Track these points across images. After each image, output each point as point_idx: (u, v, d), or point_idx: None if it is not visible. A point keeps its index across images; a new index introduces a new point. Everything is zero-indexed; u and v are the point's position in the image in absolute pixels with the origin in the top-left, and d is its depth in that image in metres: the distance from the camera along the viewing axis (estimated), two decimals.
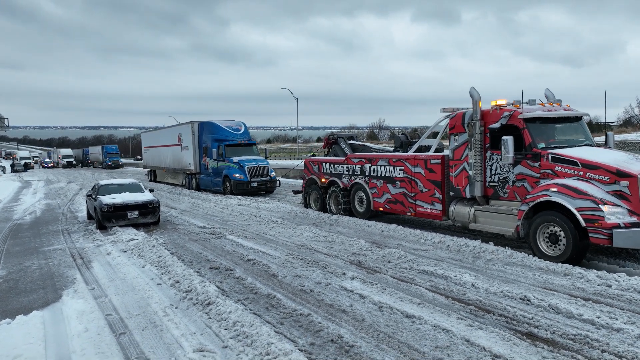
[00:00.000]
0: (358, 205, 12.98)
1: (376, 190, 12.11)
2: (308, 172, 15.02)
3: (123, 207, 12.88)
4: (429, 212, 10.70)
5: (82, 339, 5.36)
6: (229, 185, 20.72)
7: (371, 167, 12.27)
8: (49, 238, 12.20)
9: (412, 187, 11.04)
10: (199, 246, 10.42)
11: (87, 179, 38.77)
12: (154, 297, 6.85)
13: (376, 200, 12.16)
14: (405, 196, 11.23)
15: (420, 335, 5.26)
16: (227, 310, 5.94)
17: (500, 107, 9.16)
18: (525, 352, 4.74)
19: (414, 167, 10.95)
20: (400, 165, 11.36)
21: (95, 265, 9.02)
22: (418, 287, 6.92)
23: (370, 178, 12.28)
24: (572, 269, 7.29)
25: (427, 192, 10.68)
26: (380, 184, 11.95)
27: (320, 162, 14.50)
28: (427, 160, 10.68)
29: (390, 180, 11.64)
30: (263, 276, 7.82)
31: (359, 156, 12.97)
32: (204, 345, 5.17)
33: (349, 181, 13.08)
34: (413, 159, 11.05)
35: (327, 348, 5.04)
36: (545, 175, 8.34)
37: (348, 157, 13.32)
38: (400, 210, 11.49)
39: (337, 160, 13.84)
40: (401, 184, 11.33)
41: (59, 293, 7.27)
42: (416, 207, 10.96)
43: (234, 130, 22.60)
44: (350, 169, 13.04)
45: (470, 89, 9.43)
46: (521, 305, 6.06)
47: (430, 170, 10.56)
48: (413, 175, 10.99)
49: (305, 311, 6.07)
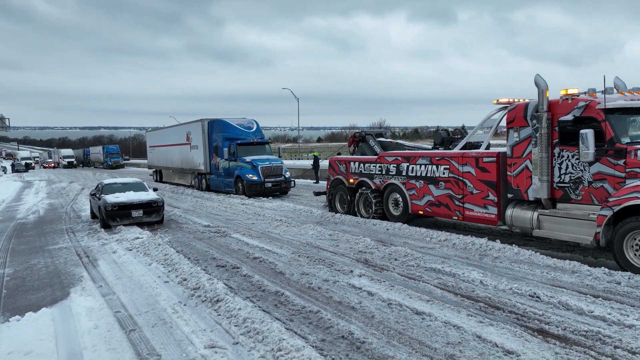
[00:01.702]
0: (393, 208, 11.89)
1: (415, 192, 11.05)
2: (333, 172, 13.91)
3: (127, 206, 12.87)
4: (480, 216, 9.57)
5: (93, 335, 5.35)
6: (241, 186, 19.96)
7: (409, 167, 11.18)
8: (53, 237, 12.19)
9: (459, 188, 9.93)
10: (204, 244, 10.42)
11: (89, 178, 38.77)
12: (162, 295, 6.84)
13: (415, 203, 11.10)
14: (451, 198, 10.13)
15: (431, 332, 5.25)
16: (237, 307, 5.94)
17: (572, 97, 8.02)
18: (538, 348, 4.73)
19: (463, 166, 9.83)
20: (445, 164, 10.24)
21: (101, 264, 9.01)
22: (426, 285, 6.92)
23: (408, 178, 11.20)
24: (580, 266, 7.28)
25: (478, 194, 9.55)
26: (421, 184, 10.85)
27: (347, 161, 13.39)
28: (479, 158, 9.52)
29: (433, 180, 10.54)
30: (270, 274, 7.81)
31: (395, 154, 11.83)
32: (215, 341, 5.16)
33: (382, 182, 12.03)
34: (461, 157, 9.91)
35: (338, 344, 5.03)
36: (633, 174, 7.19)
37: (381, 155, 12.30)
38: (445, 214, 10.43)
39: (367, 159, 12.75)
40: (446, 185, 10.22)
41: (67, 291, 7.27)
42: (464, 210, 9.85)
43: (246, 129, 21.70)
44: (383, 168, 11.95)
45: (536, 77, 8.34)
46: (531, 302, 6.05)
47: (483, 169, 9.41)
48: (461, 175, 9.88)
49: (315, 308, 6.06)
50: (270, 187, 19.54)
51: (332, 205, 14.09)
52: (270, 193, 19.79)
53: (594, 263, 7.65)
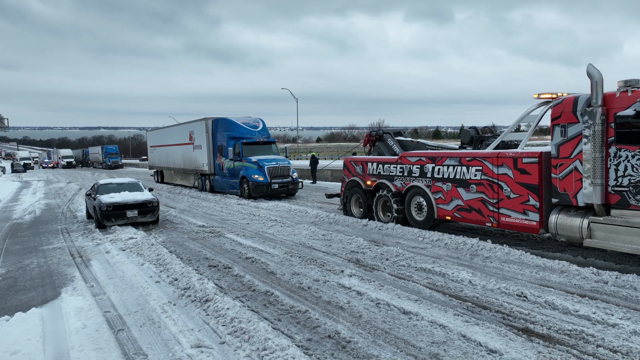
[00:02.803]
0: (415, 213, 11.02)
1: (442, 196, 10.18)
2: (349, 174, 13.05)
3: (122, 206, 12.89)
4: (519, 223, 8.64)
5: (81, 335, 5.38)
6: (246, 188, 18.96)
7: (435, 168, 10.32)
8: (48, 237, 12.22)
9: (493, 192, 9.05)
10: (198, 245, 10.45)
11: (87, 179, 38.79)
12: (153, 295, 6.87)
13: (442, 207, 10.22)
14: (484, 203, 9.24)
15: (417, 331, 5.28)
16: (225, 307, 5.97)
17: (633, 88, 7.20)
18: (521, 347, 4.76)
19: (498, 167, 8.95)
20: (477, 165, 9.38)
21: (94, 264, 9.04)
22: (415, 284, 6.95)
23: (434, 180, 10.34)
24: (569, 266, 7.32)
25: (516, 199, 8.65)
26: (448, 187, 9.99)
27: (365, 161, 12.49)
28: (518, 158, 8.64)
29: (463, 183, 9.67)
30: (261, 274, 7.84)
31: (418, 154, 10.97)
32: (202, 341, 5.20)
33: (404, 184, 11.18)
34: (496, 157, 9.03)
35: (324, 344, 5.06)
36: None
37: (402, 155, 11.39)
38: (477, 220, 9.50)
39: (387, 159, 11.89)
40: (478, 188, 9.33)
41: (58, 291, 7.30)
42: (500, 216, 8.95)
43: (252, 127, 20.78)
44: (405, 169, 11.12)
45: (588, 67, 7.57)
46: (518, 301, 6.09)
47: (522, 171, 8.54)
48: (496, 178, 9.00)
49: (303, 308, 6.09)
50: (277, 189, 18.71)
51: (347, 208, 13.27)
52: (277, 195, 18.95)
53: (583, 263, 7.68)
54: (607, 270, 7.01)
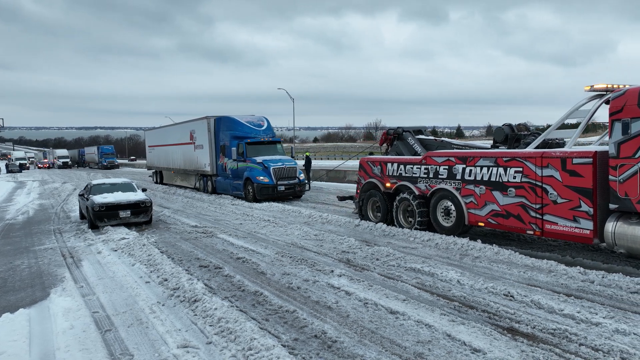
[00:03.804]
0: (442, 218, 10.13)
1: (474, 200, 9.26)
2: (365, 175, 12.21)
3: (115, 206, 12.89)
4: (568, 232, 7.71)
5: (67, 335, 5.39)
6: (251, 190, 18.11)
7: (466, 169, 9.40)
8: (40, 237, 12.20)
9: (536, 196, 8.13)
10: (190, 245, 10.46)
11: (82, 179, 38.66)
12: (142, 295, 6.88)
13: (473, 213, 9.30)
14: (525, 208, 8.32)
15: (403, 331, 5.31)
16: (213, 307, 5.99)
17: None
18: (505, 347, 4.80)
19: (542, 168, 8.03)
20: (516, 166, 8.45)
21: (85, 264, 9.04)
22: (404, 284, 6.98)
23: (465, 183, 9.44)
24: (556, 265, 7.37)
25: (565, 204, 7.74)
26: (481, 190, 9.08)
27: (384, 162, 11.66)
28: (568, 158, 7.71)
29: (499, 186, 8.75)
30: (252, 274, 7.86)
31: (447, 154, 10.04)
32: (189, 341, 5.21)
33: (429, 186, 10.29)
34: (540, 157, 8.11)
35: (310, 343, 5.09)
36: None
37: (428, 155, 10.48)
38: (517, 227, 8.54)
39: (410, 159, 11.03)
40: (518, 192, 8.41)
41: (47, 291, 7.30)
42: (544, 223, 8.03)
43: (256, 126, 19.91)
44: (430, 170, 10.24)
45: None
46: (504, 301, 6.13)
47: (573, 172, 7.62)
48: (539, 180, 8.08)
49: (291, 308, 6.11)
50: (284, 191, 17.91)
51: (363, 212, 12.32)
52: (284, 197, 18.21)
53: (570, 262, 7.73)
54: (594, 270, 7.07)
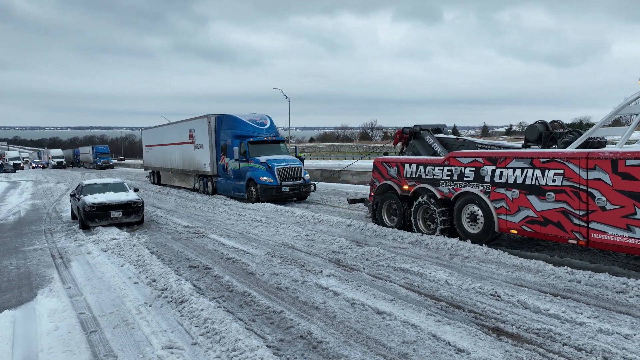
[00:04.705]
0: (468, 224, 9.29)
1: (505, 204, 8.46)
2: (380, 177, 11.45)
3: (106, 206, 12.83)
4: (620, 242, 6.98)
5: (52, 337, 5.36)
6: (254, 191, 17.47)
7: (496, 171, 8.60)
8: (30, 238, 12.13)
9: (581, 201, 7.38)
10: (181, 245, 10.42)
11: (76, 179, 38.46)
12: (129, 296, 6.86)
13: (504, 219, 8.48)
14: (567, 215, 7.54)
15: (389, 331, 5.32)
16: (200, 308, 5.97)
17: None
18: (489, 347, 4.81)
19: (588, 170, 7.28)
20: (556, 168, 7.68)
21: (74, 265, 8.99)
22: (393, 284, 6.99)
23: (494, 186, 8.63)
24: (544, 265, 7.39)
25: (616, 211, 7.02)
26: (514, 195, 8.28)
27: (401, 162, 10.87)
28: (620, 159, 6.95)
29: (536, 189, 7.97)
30: (241, 274, 7.84)
31: (474, 154, 9.21)
32: (174, 342, 5.20)
33: (452, 189, 9.50)
34: (585, 158, 7.33)
35: (296, 344, 5.08)
36: None
37: (451, 155, 9.68)
38: (556, 236, 7.76)
39: (431, 160, 10.22)
40: (558, 197, 7.64)
41: (34, 292, 7.25)
42: (590, 232, 7.28)
43: (259, 125, 19.25)
44: (454, 172, 9.43)
45: None
46: (491, 301, 6.14)
47: (626, 175, 6.90)
48: (584, 184, 7.32)
49: (279, 308, 6.11)
50: (289, 192, 17.28)
51: (377, 216, 11.57)
52: (288, 198, 17.63)
53: (559, 262, 7.76)
54: (581, 270, 7.09)
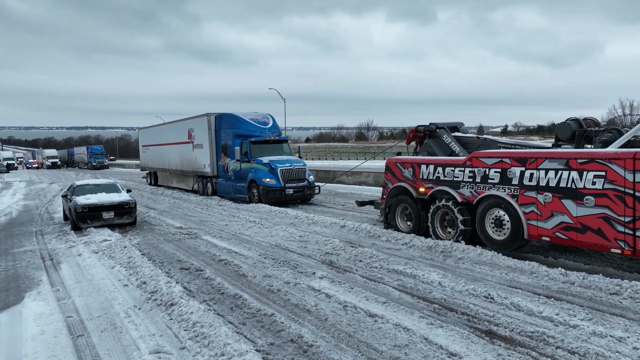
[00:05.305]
0: (493, 230, 8.57)
1: (536, 209, 7.79)
2: (393, 178, 10.81)
3: (98, 207, 12.70)
4: None
5: (37, 342, 5.25)
6: (256, 193, 16.96)
7: (526, 172, 7.93)
8: (21, 239, 11.98)
9: (626, 206, 6.76)
10: (173, 247, 10.31)
11: (70, 179, 38.15)
12: (118, 299, 6.75)
13: (535, 225, 7.81)
14: (609, 221, 6.91)
15: (380, 335, 5.24)
16: (189, 311, 5.88)
17: None
18: (482, 350, 4.75)
19: (635, 172, 6.63)
20: (597, 170, 7.03)
21: (64, 267, 8.87)
22: (385, 286, 6.91)
23: (524, 189, 7.96)
24: (538, 267, 7.34)
25: None
26: (547, 199, 7.60)
27: (417, 163, 10.21)
28: None
29: (572, 193, 7.29)
30: (233, 276, 7.75)
31: (499, 155, 8.55)
32: (162, 346, 5.10)
33: (475, 192, 8.83)
34: (632, 158, 6.66)
35: (286, 348, 5.00)
36: None
37: (474, 156, 8.98)
38: (596, 244, 7.11)
39: (451, 160, 9.55)
40: (598, 201, 7.00)
41: (22, 295, 7.13)
42: (637, 240, 6.67)
43: (261, 124, 18.58)
44: (477, 174, 8.76)
45: None
46: (485, 303, 6.08)
47: None
48: (630, 187, 6.70)
49: (270, 311, 6.02)
50: (292, 194, 16.70)
51: (390, 220, 10.95)
52: (292, 201, 17.02)
53: (552, 264, 7.71)
54: (575, 271, 7.04)
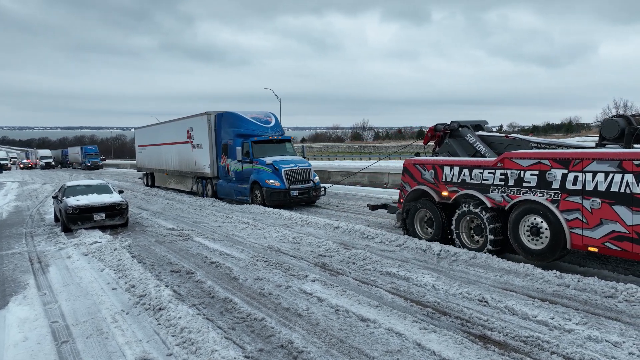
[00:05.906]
0: (528, 239, 7.82)
1: (581, 216, 7.05)
2: (412, 181, 10.00)
3: (89, 208, 12.53)
4: None
5: (19, 348, 5.11)
6: (259, 194, 16.28)
7: (568, 175, 7.19)
8: (9, 241, 11.79)
9: None
10: (164, 249, 10.17)
11: (64, 180, 37.84)
12: (106, 303, 6.61)
13: (580, 233, 7.07)
14: None
15: (372, 340, 5.14)
16: (177, 316, 5.75)
17: None
18: (475, 356, 4.65)
19: None
20: None
21: (52, 270, 8.70)
22: (378, 289, 6.81)
23: (566, 194, 7.21)
24: (533, 269, 7.25)
25: None
26: (594, 205, 6.86)
27: (439, 164, 9.37)
28: None
29: (626, 199, 6.55)
30: (224, 279, 7.62)
31: (536, 155, 7.74)
32: (148, 353, 4.97)
33: (507, 197, 8.04)
34: None
35: (276, 354, 4.88)
36: None
37: (507, 156, 8.16)
38: None
39: (478, 162, 8.70)
40: None
41: (7, 300, 6.97)
42: None
43: (263, 123, 17.84)
44: (510, 176, 7.97)
45: None
46: (478, 306, 5.99)
47: None
48: None
49: (260, 315, 5.90)
50: (297, 196, 15.98)
51: (408, 226, 10.12)
52: (297, 203, 16.31)
53: (547, 266, 7.63)
54: (569, 274, 6.96)
